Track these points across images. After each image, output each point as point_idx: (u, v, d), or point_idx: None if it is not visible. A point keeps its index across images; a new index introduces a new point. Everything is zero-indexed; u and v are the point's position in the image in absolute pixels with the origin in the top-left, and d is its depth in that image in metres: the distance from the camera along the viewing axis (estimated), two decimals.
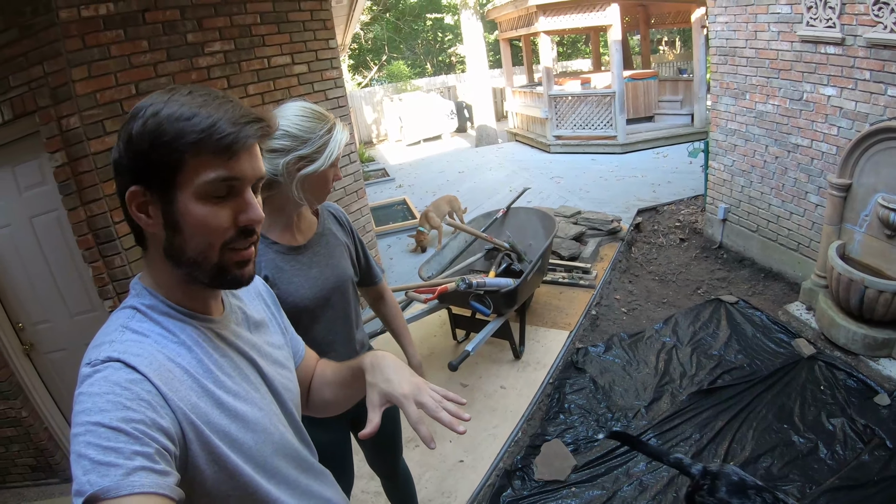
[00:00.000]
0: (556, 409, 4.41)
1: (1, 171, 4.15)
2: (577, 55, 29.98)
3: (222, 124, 1.04)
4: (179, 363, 1.10)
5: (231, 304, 1.34)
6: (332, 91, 5.51)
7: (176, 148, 1.03)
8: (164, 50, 4.12)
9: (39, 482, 4.87)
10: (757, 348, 4.80)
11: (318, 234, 2.30)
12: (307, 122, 2.06)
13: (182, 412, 1.04)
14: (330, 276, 2.28)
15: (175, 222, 1.09)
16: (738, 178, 6.70)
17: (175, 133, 1.03)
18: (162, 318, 1.15)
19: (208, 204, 1.08)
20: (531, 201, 9.42)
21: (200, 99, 1.07)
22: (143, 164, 1.06)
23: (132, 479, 0.87)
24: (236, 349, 1.26)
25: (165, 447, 0.96)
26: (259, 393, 1.27)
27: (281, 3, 4.91)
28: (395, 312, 2.75)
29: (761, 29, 5.80)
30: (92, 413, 0.92)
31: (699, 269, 6.79)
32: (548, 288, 6.33)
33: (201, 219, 1.08)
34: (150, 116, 1.04)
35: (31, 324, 4.58)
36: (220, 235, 1.11)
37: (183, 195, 1.07)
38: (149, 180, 1.07)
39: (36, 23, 3.57)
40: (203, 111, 1.04)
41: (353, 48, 27.00)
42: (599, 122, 13.38)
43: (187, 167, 1.05)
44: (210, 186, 1.07)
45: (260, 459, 1.20)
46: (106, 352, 1.03)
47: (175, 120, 1.03)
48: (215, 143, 1.04)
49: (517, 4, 14.21)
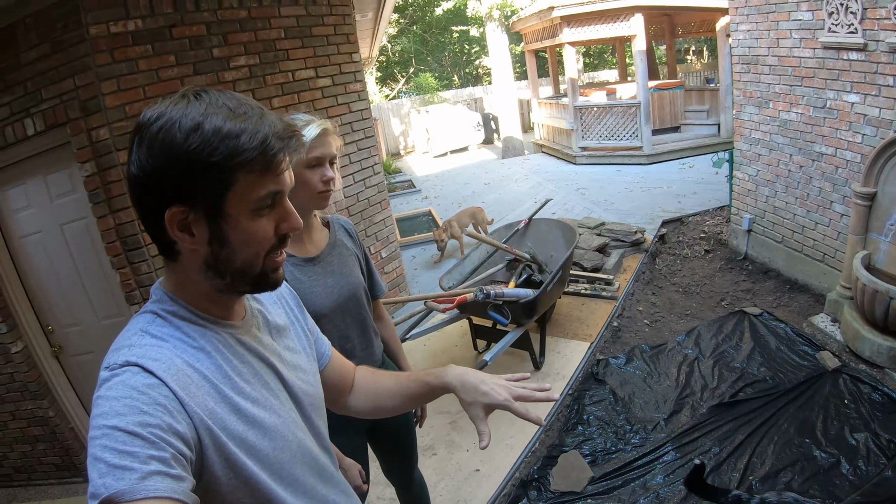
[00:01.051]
0: (575, 421, 4.37)
1: (33, 179, 4.27)
2: (604, 66, 29.91)
3: (272, 140, 1.05)
4: (198, 368, 1.10)
5: (252, 309, 1.35)
6: (355, 104, 5.54)
7: (229, 167, 1.03)
8: (190, 64, 4.22)
9: (64, 480, 4.96)
10: (780, 361, 4.72)
11: (330, 245, 2.34)
12: None
13: (199, 417, 1.04)
14: (345, 284, 2.32)
15: (223, 237, 1.09)
16: (763, 188, 6.62)
17: (228, 152, 1.02)
18: (182, 324, 1.15)
19: (257, 219, 1.09)
20: (555, 213, 9.41)
21: (238, 111, 1.05)
22: (189, 184, 1.03)
23: (147, 484, 0.87)
24: (256, 355, 1.26)
25: (181, 452, 0.96)
26: (278, 400, 1.26)
27: (305, 18, 4.97)
28: (391, 332, 2.77)
29: (783, 36, 5.75)
30: (109, 417, 0.93)
31: (723, 281, 6.72)
32: (570, 299, 6.30)
33: (252, 233, 1.10)
34: (190, 131, 1.01)
35: (60, 327, 4.69)
36: (265, 245, 1.13)
37: (234, 211, 1.07)
38: (194, 198, 1.04)
39: (67, 38, 3.69)
40: (249, 126, 1.04)
41: (381, 61, 27.21)
42: (625, 132, 13.32)
43: (239, 183, 1.05)
44: (263, 201, 1.09)
45: (277, 467, 1.19)
46: (124, 356, 1.03)
47: (224, 137, 1.02)
48: (265, 158, 1.05)
49: (542, 16, 14.20)
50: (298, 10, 4.92)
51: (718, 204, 8.95)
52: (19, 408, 4.71)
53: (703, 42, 25.40)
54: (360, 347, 2.41)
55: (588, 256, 7.04)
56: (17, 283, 4.58)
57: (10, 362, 4.54)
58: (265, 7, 4.66)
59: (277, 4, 4.75)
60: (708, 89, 14.61)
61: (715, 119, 13.75)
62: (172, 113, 1.02)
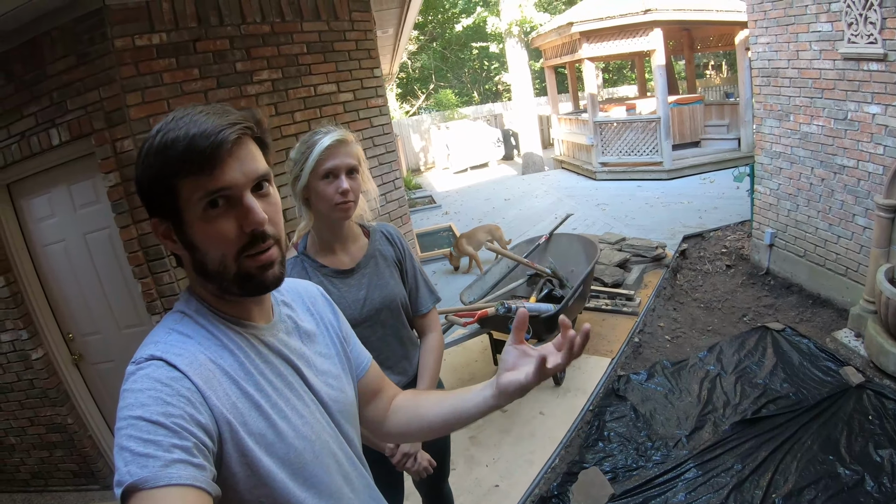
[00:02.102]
0: (596, 437, 4.35)
1: (58, 188, 4.33)
2: (623, 81, 29.84)
3: (197, 140, 1.06)
4: (220, 365, 1.13)
5: (281, 314, 1.36)
6: (376, 119, 5.57)
7: (165, 178, 1.08)
8: (214, 78, 4.26)
9: (80, 488, 5.01)
10: (803, 377, 4.67)
11: (368, 256, 2.35)
12: (300, 143, 2.15)
13: (220, 411, 1.06)
14: (377, 297, 2.31)
15: (190, 242, 1.13)
16: (785, 201, 6.58)
17: (161, 164, 1.08)
18: (206, 322, 1.19)
19: (208, 220, 1.11)
20: (576, 228, 9.39)
21: (182, 120, 1.09)
22: (149, 199, 1.14)
23: (170, 471, 0.90)
24: (280, 356, 1.27)
25: (203, 442, 0.99)
26: (302, 401, 1.27)
27: (327, 33, 5.01)
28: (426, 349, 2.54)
29: (803, 48, 5.73)
30: (134, 408, 0.96)
31: (745, 296, 6.67)
32: (590, 314, 6.27)
33: (206, 235, 1.12)
34: (144, 155, 1.11)
35: (80, 335, 4.75)
36: (231, 245, 1.13)
37: (187, 217, 1.11)
38: (159, 211, 1.14)
39: (92, 51, 3.75)
40: (181, 132, 1.07)
41: (401, 77, 27.35)
42: (645, 148, 13.30)
43: (181, 191, 1.09)
44: (201, 203, 1.09)
45: (298, 467, 1.19)
46: (150, 351, 1.07)
47: (158, 152, 1.08)
48: (194, 161, 1.06)
49: (560, 32, 14.25)
50: (321, 25, 4.97)
51: (740, 218, 8.90)
52: (38, 414, 4.78)
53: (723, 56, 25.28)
54: (395, 359, 2.41)
55: (609, 272, 7.02)
56: (40, 290, 4.65)
57: (29, 369, 4.61)
58: (288, 22, 4.71)
59: (300, 20, 4.80)
60: (728, 103, 14.57)
61: (735, 133, 13.69)
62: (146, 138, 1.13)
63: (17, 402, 4.78)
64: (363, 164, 2.24)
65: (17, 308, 4.49)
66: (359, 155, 2.21)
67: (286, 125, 4.65)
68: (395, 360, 2.39)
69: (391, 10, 7.08)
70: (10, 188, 4.45)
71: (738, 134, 13.53)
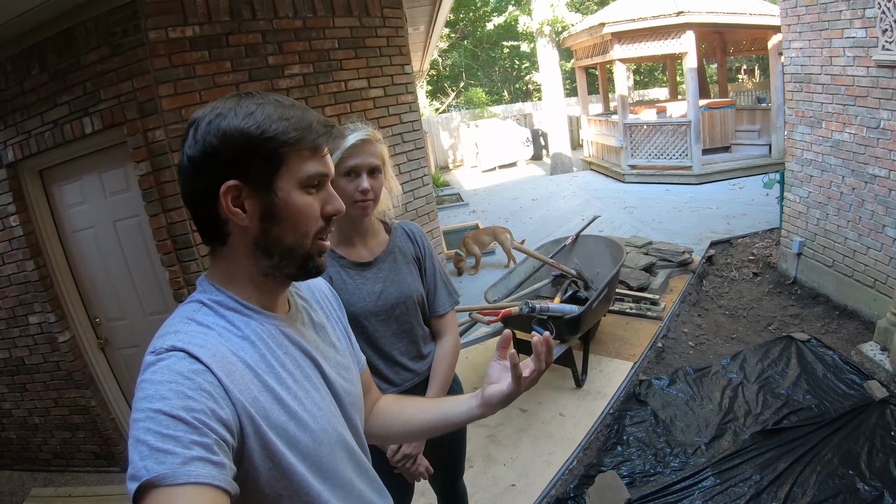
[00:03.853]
0: (614, 441, 4.35)
1: (89, 176, 4.42)
2: (654, 84, 29.64)
3: (316, 125, 1.16)
4: (242, 357, 1.13)
5: (297, 304, 1.38)
6: (406, 115, 5.59)
7: (282, 142, 1.13)
8: (246, 71, 4.30)
9: (101, 469, 5.12)
10: (826, 389, 4.62)
11: (387, 252, 2.38)
12: None
13: (242, 405, 1.06)
14: (392, 292, 2.33)
15: (275, 213, 1.16)
16: (814, 210, 6.50)
17: (279, 130, 1.12)
18: (227, 313, 1.19)
19: (307, 195, 1.18)
20: (603, 230, 9.35)
21: (285, 103, 1.17)
22: (246, 159, 1.12)
23: (189, 469, 0.89)
24: (299, 348, 1.28)
25: (224, 438, 0.98)
26: (319, 393, 1.28)
27: (358, 29, 5.04)
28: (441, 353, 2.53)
29: (836, 54, 5.66)
30: (153, 400, 0.95)
31: (771, 305, 6.62)
32: (614, 318, 6.26)
33: (302, 207, 1.17)
34: (245, 116, 1.12)
35: (107, 320, 4.85)
36: (315, 223, 1.20)
37: (285, 186, 1.15)
38: (249, 174, 1.13)
39: (126, 42, 3.81)
40: (297, 114, 1.15)
41: (432, 74, 27.34)
42: (674, 151, 13.22)
43: (290, 160, 1.15)
44: (311, 179, 1.17)
45: (316, 458, 1.20)
46: (170, 341, 1.06)
47: (277, 120, 1.13)
48: (312, 140, 1.15)
49: (592, 32, 14.19)
50: (352, 21, 4.99)
51: (768, 226, 8.82)
52: (62, 395, 4.89)
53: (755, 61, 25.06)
54: (408, 356, 2.41)
55: (634, 275, 7.00)
56: (69, 275, 4.76)
57: (56, 351, 4.73)
58: (320, 17, 4.74)
59: (332, 15, 4.82)
60: (759, 109, 14.41)
61: (766, 139, 13.55)
62: (226, 105, 1.15)
63: (42, 383, 4.90)
64: (387, 163, 2.28)
65: (46, 291, 4.60)
66: (383, 154, 2.24)
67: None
68: (406, 357, 2.40)
69: (423, 7, 7.09)
70: (43, 174, 4.55)
71: (769, 140, 13.39)
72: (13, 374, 4.99)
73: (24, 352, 4.86)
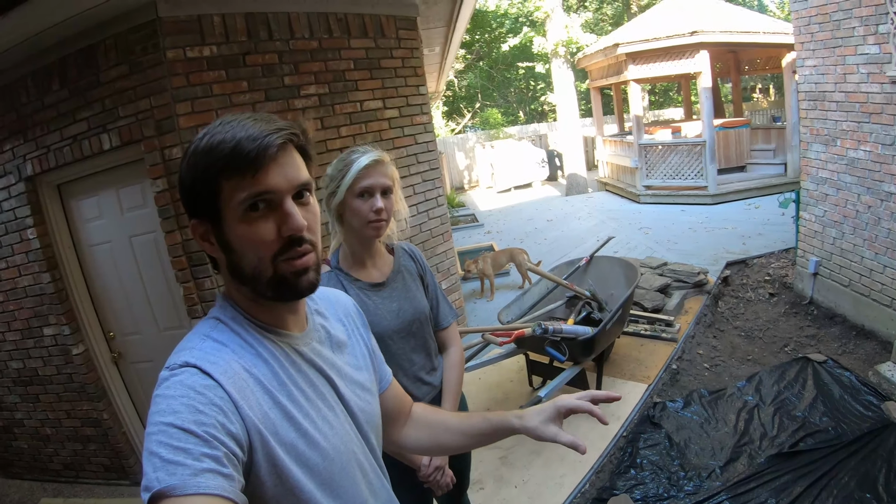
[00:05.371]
0: (628, 464, 4.30)
1: (106, 192, 4.50)
2: (670, 104, 29.66)
3: (243, 142, 1.09)
4: (254, 374, 1.14)
5: (315, 323, 1.38)
6: (421, 136, 5.63)
7: (209, 177, 1.12)
8: (262, 91, 4.38)
9: (111, 482, 5.14)
10: (843, 411, 4.55)
11: (395, 272, 2.43)
12: (338, 160, 2.22)
13: (251, 421, 1.07)
14: (409, 308, 2.39)
15: (227, 244, 1.16)
16: (830, 229, 6.45)
17: (206, 164, 1.11)
18: (241, 330, 1.20)
19: (247, 222, 1.13)
20: (618, 251, 9.32)
21: (229, 125, 1.13)
22: (192, 198, 1.17)
23: (199, 480, 0.90)
24: (314, 366, 1.29)
25: (233, 452, 0.99)
26: (333, 412, 1.28)
27: (374, 50, 5.10)
28: (448, 365, 2.62)
29: (850, 71, 5.64)
30: (165, 414, 0.97)
31: (787, 326, 6.56)
32: (628, 339, 6.21)
33: (244, 236, 1.14)
34: (189, 155, 1.15)
35: (121, 334, 4.91)
36: (268, 248, 1.15)
37: (227, 218, 1.14)
38: (200, 212, 1.16)
39: (145, 60, 3.91)
40: (228, 135, 1.10)
41: (447, 95, 27.45)
42: (690, 171, 13.18)
43: (223, 192, 1.12)
44: (243, 204, 1.12)
45: (327, 477, 1.20)
46: (184, 357, 1.08)
47: (205, 152, 1.12)
48: (239, 162, 1.09)
49: (607, 53, 14.24)
50: (368, 42, 5.05)
51: (784, 246, 8.74)
52: (75, 407, 4.94)
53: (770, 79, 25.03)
54: (425, 370, 2.47)
55: (649, 296, 6.96)
56: (84, 289, 4.82)
57: (70, 363, 4.79)
58: (335, 38, 4.80)
59: (347, 36, 4.88)
60: (774, 128, 14.39)
61: (782, 158, 13.50)
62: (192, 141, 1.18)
63: (55, 394, 4.97)
64: (397, 184, 2.31)
65: (62, 304, 4.67)
66: (394, 176, 2.28)
67: (332, 139, 4.74)
68: (426, 371, 2.47)
69: (438, 28, 7.14)
70: (61, 189, 4.64)
71: (784, 159, 13.33)
72: (27, 385, 5.06)
73: (38, 363, 4.92)
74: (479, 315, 7.70)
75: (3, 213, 4.65)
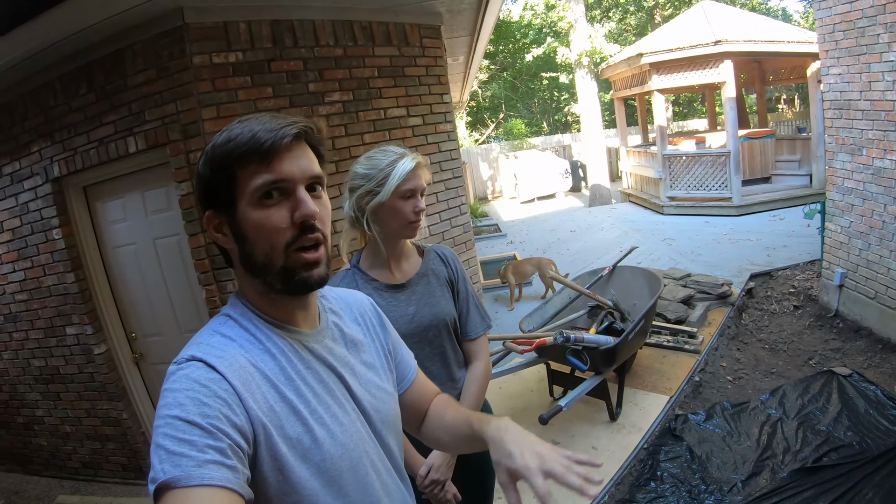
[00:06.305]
0: (648, 476, 4.26)
1: (131, 194, 4.55)
2: (694, 114, 29.56)
3: (260, 134, 1.14)
4: (261, 368, 1.15)
5: (328, 321, 1.39)
6: (444, 144, 5.63)
7: (226, 166, 1.16)
8: (287, 97, 4.39)
9: (128, 481, 5.18)
10: (868, 425, 4.48)
11: (420, 274, 2.39)
12: (372, 160, 2.22)
13: (256, 414, 1.08)
14: (426, 314, 2.34)
15: (240, 232, 1.19)
16: (856, 240, 6.36)
17: (224, 154, 1.16)
18: (251, 326, 1.22)
19: (262, 208, 1.16)
20: (641, 262, 9.27)
21: (247, 121, 1.18)
22: (207, 190, 1.21)
23: (203, 471, 0.92)
24: (324, 363, 1.29)
25: (238, 444, 1.01)
26: (343, 409, 1.28)
27: (398, 58, 5.11)
28: (471, 378, 2.51)
29: (875, 79, 5.57)
30: (171, 407, 0.99)
31: (812, 339, 6.48)
32: (651, 350, 6.17)
33: (258, 223, 1.16)
34: (207, 151, 1.19)
35: (143, 335, 4.95)
36: (280, 235, 1.17)
37: (241, 206, 1.17)
38: (215, 202, 1.21)
39: (172, 65, 3.93)
40: (245, 129, 1.16)
41: (471, 105, 27.52)
42: (714, 182, 13.09)
43: (239, 180, 1.16)
44: (259, 191, 1.15)
45: (334, 474, 1.20)
46: (191, 352, 1.11)
47: (223, 144, 1.16)
48: (255, 151, 1.14)
49: (630, 63, 14.22)
50: (392, 50, 5.07)
51: (810, 257, 8.63)
52: (95, 406, 5.00)
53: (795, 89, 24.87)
54: (441, 380, 2.39)
55: (672, 308, 6.91)
56: (107, 290, 4.87)
57: (91, 363, 4.85)
58: (360, 46, 4.82)
59: (372, 44, 4.90)
60: (800, 138, 14.25)
61: (807, 169, 13.36)
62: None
63: (76, 393, 5.03)
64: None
65: (85, 304, 4.73)
66: (428, 178, 2.32)
67: (355, 146, 4.74)
68: (438, 382, 2.31)
69: (462, 37, 7.14)
70: (87, 190, 4.69)
71: (809, 170, 13.19)
72: (48, 383, 5.14)
73: (60, 361, 4.99)
74: (501, 324, 7.69)
75: (29, 213, 4.72)
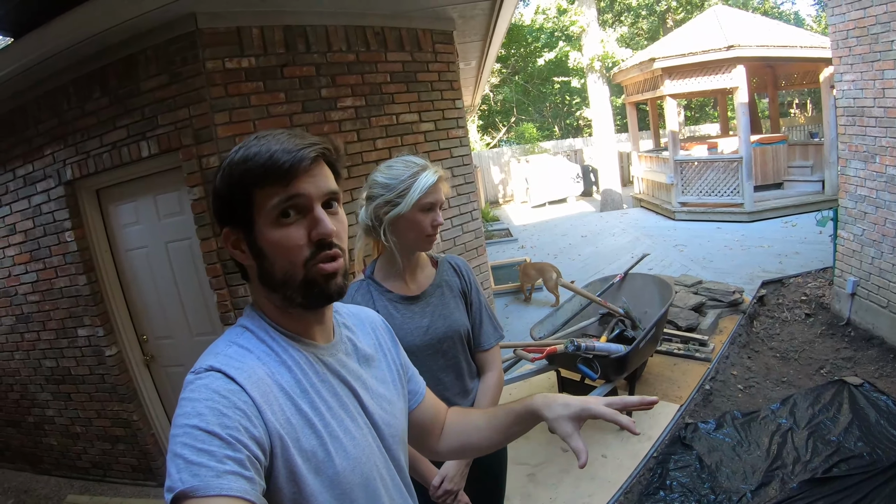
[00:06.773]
0: (657, 485, 4.24)
1: (144, 198, 4.57)
2: (706, 119, 29.43)
3: (278, 154, 1.14)
4: (277, 380, 1.15)
5: (342, 335, 1.39)
6: (456, 149, 5.64)
7: (244, 186, 1.17)
8: (299, 103, 4.39)
9: (138, 482, 5.22)
10: (879, 436, 4.45)
11: (434, 286, 2.38)
12: (393, 170, 2.19)
13: (274, 426, 1.08)
14: (440, 326, 2.33)
15: (259, 250, 1.19)
16: (869, 248, 6.31)
17: (241, 174, 1.16)
18: (267, 338, 1.22)
19: (280, 227, 1.17)
20: (652, 269, 9.26)
21: (265, 139, 1.18)
22: (224, 207, 1.22)
23: (221, 482, 0.92)
24: (338, 377, 1.29)
25: (256, 455, 1.01)
26: (356, 423, 1.28)
27: (410, 64, 5.12)
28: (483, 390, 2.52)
29: (889, 86, 5.53)
30: (190, 417, 0.99)
31: (824, 347, 6.44)
32: (661, 358, 6.15)
33: (277, 241, 1.17)
34: (225, 168, 1.20)
35: (154, 338, 4.98)
36: (299, 253, 1.18)
37: (259, 225, 1.18)
38: (233, 220, 1.21)
39: (184, 71, 3.94)
40: (263, 148, 1.16)
41: (483, 109, 27.50)
42: (726, 188, 13.04)
43: (258, 200, 1.16)
44: (276, 211, 1.16)
45: (346, 487, 1.20)
46: (210, 362, 1.11)
47: (241, 163, 1.17)
48: (274, 172, 1.14)
49: (642, 68, 14.19)
50: (404, 55, 5.08)
51: (822, 265, 8.58)
52: (105, 408, 5.04)
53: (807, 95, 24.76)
54: (454, 392, 2.40)
55: (683, 315, 6.89)
56: (119, 292, 4.91)
57: (102, 364, 4.88)
58: (372, 52, 4.83)
59: (384, 50, 4.91)
60: (812, 144, 14.22)
61: (819, 175, 13.31)
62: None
63: (86, 394, 5.07)
64: None
65: (97, 306, 4.77)
66: (448, 192, 2.30)
67: (367, 152, 4.75)
68: (452, 393, 2.38)
69: (474, 42, 7.15)
70: (100, 194, 4.73)
71: (822, 176, 13.14)
72: (59, 383, 5.19)
73: (71, 362, 5.03)
74: (512, 331, 7.68)
75: (42, 215, 4.76)
